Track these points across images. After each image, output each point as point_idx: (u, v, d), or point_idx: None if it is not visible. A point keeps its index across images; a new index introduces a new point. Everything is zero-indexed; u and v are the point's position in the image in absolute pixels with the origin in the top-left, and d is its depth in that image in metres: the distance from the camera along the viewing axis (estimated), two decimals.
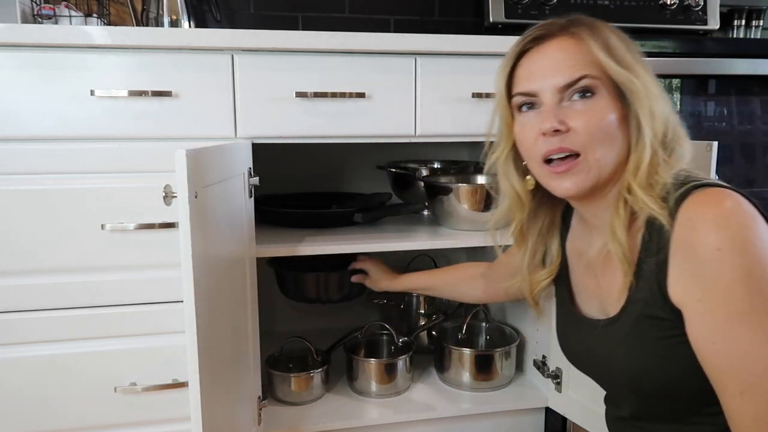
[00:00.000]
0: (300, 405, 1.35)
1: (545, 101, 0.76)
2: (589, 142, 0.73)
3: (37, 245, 1.08)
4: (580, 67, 0.73)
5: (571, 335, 0.91)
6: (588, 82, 0.73)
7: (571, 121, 0.74)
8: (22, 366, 1.11)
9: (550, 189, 0.79)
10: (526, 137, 0.79)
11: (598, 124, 0.73)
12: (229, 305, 1.03)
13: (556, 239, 0.92)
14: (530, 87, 0.77)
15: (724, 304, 0.66)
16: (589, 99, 0.74)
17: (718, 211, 0.66)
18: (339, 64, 1.17)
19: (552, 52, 0.76)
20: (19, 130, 1.06)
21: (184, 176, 0.80)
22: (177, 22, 1.48)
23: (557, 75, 0.74)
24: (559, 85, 0.74)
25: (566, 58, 0.74)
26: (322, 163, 1.70)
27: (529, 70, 0.78)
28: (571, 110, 0.74)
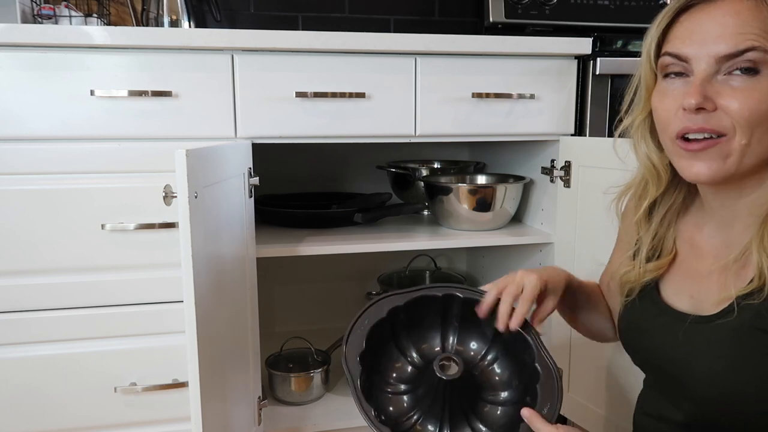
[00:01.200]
0: (300, 405, 1.35)
1: (697, 71, 0.64)
2: (740, 125, 0.62)
3: (37, 245, 1.08)
4: (752, 37, 0.61)
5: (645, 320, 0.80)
6: (756, 56, 0.61)
7: (723, 99, 0.63)
8: (23, 366, 1.11)
9: (679, 169, 0.69)
10: (664, 108, 0.68)
11: (755, 106, 0.62)
12: (229, 305, 1.03)
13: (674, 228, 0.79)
14: (683, 50, 0.65)
15: None
16: (752, 77, 0.62)
17: None
18: (339, 64, 1.17)
19: (721, 15, 0.63)
20: (19, 130, 1.06)
21: (184, 176, 0.80)
22: (177, 22, 1.48)
23: (720, 42, 0.62)
24: (720, 55, 0.62)
25: (736, 24, 0.62)
26: (322, 163, 1.70)
27: (687, 30, 0.66)
28: (726, 86, 0.63)
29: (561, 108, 1.28)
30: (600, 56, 1.27)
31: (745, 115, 0.62)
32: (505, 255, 1.58)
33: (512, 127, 1.26)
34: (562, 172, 1.28)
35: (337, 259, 1.54)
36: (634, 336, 0.82)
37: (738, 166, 0.65)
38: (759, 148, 0.64)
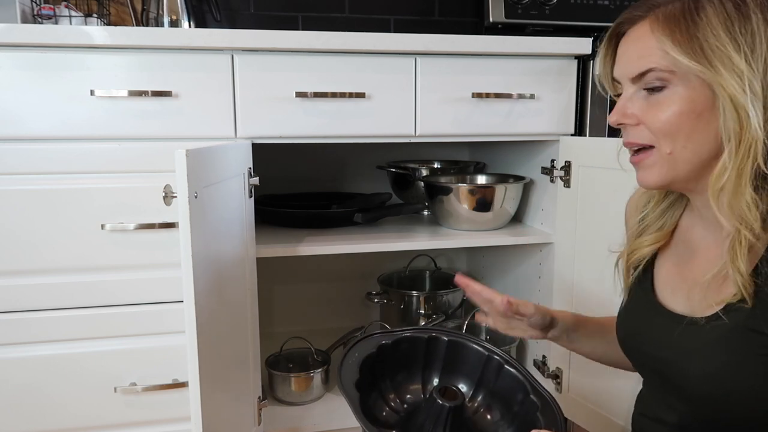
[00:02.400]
0: (300, 405, 1.35)
1: (625, 90, 0.71)
2: (660, 137, 0.68)
3: (37, 245, 1.08)
4: (650, 59, 0.66)
5: (642, 321, 0.81)
6: (655, 75, 0.66)
7: (641, 114, 0.69)
8: (23, 366, 1.11)
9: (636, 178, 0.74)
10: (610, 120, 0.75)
11: (666, 119, 0.66)
12: (229, 305, 1.03)
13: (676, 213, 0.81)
14: (615, 73, 0.73)
15: None
16: (659, 92, 0.67)
17: None
18: (339, 64, 1.17)
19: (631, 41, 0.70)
20: (19, 130, 1.06)
21: (184, 176, 0.80)
22: (177, 22, 1.48)
23: (629, 65, 0.69)
24: (630, 76, 0.69)
25: (637, 49, 0.68)
26: (322, 163, 1.70)
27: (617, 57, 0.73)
28: (644, 102, 0.69)
29: (561, 108, 1.28)
30: None
31: (657, 125, 0.67)
32: (505, 255, 1.58)
33: (512, 127, 1.26)
34: (562, 172, 1.28)
35: (337, 259, 1.54)
36: (631, 338, 0.83)
37: (675, 172, 0.69)
38: (686, 155, 0.67)
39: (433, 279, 1.77)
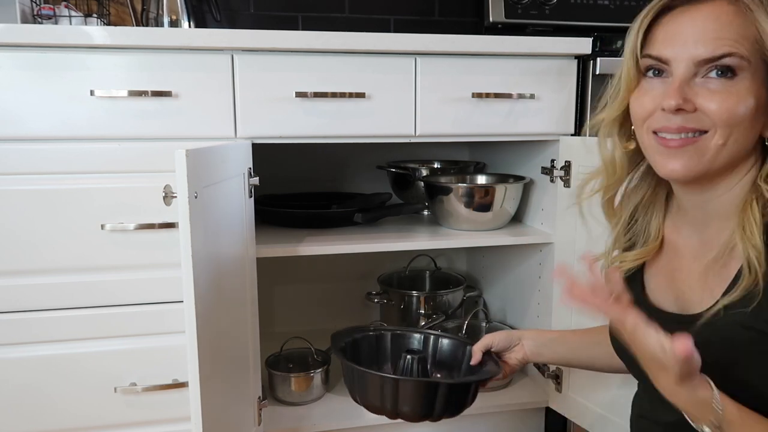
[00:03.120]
0: (300, 405, 1.35)
1: (676, 73, 0.66)
2: (717, 125, 0.64)
3: (36, 245, 1.08)
4: (729, 42, 0.62)
5: None
6: (732, 62, 0.63)
7: (701, 101, 0.64)
8: (22, 366, 1.11)
9: (654, 165, 0.70)
10: (642, 106, 0.70)
11: (733, 108, 0.63)
12: (229, 305, 1.03)
13: (658, 218, 0.80)
14: (664, 52, 0.67)
15: None
16: (729, 80, 0.64)
17: None
18: (339, 64, 1.17)
19: (701, 18, 0.64)
20: (18, 130, 1.06)
21: (184, 176, 0.80)
22: (177, 22, 1.48)
23: (699, 46, 0.64)
24: (699, 58, 0.64)
25: (715, 28, 0.63)
26: (322, 163, 1.70)
27: (668, 32, 0.67)
28: (704, 89, 0.65)
29: (561, 108, 1.28)
30: (600, 56, 1.27)
31: (723, 116, 0.64)
32: (505, 255, 1.58)
33: (512, 127, 1.26)
34: (562, 172, 1.28)
35: (337, 259, 1.54)
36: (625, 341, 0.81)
37: (711, 165, 0.66)
38: (734, 148, 0.65)
39: (433, 279, 1.77)
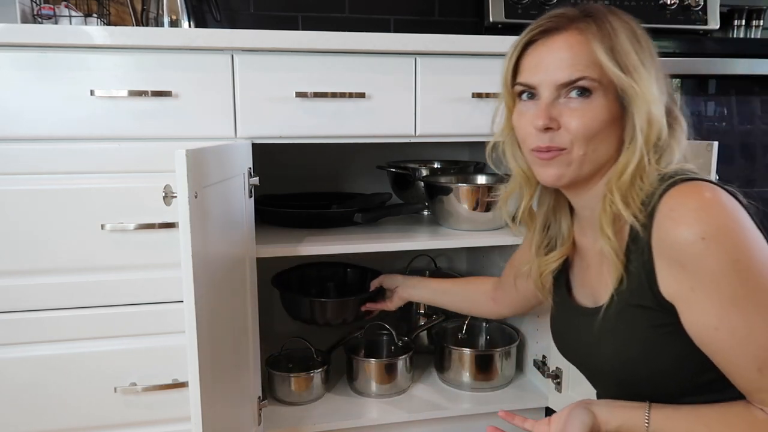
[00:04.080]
0: (300, 405, 1.35)
1: (543, 96, 0.77)
2: (578, 139, 0.76)
3: (36, 245, 1.08)
4: (581, 68, 0.74)
5: (563, 323, 0.94)
6: (586, 84, 0.75)
7: (564, 119, 0.76)
8: (23, 366, 1.11)
9: (537, 175, 0.83)
10: (521, 126, 0.82)
11: (589, 124, 0.75)
12: (229, 305, 1.03)
13: (567, 220, 0.91)
14: (531, 80, 0.79)
15: (717, 290, 0.68)
16: (586, 98, 0.75)
17: (698, 202, 0.69)
18: (339, 64, 1.17)
19: (556, 49, 0.76)
20: (19, 130, 1.06)
21: (184, 176, 0.80)
22: (177, 22, 1.48)
23: (557, 72, 0.76)
24: (558, 83, 0.76)
25: (568, 57, 0.75)
26: (322, 163, 1.70)
27: (532, 63, 0.79)
28: (566, 108, 0.76)
29: None
30: None
31: (581, 132, 0.75)
32: (505, 255, 1.58)
33: None
34: None
35: (337, 259, 1.54)
36: (560, 340, 0.96)
37: (579, 172, 0.78)
38: (595, 157, 0.77)
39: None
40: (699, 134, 1.52)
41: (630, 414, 0.77)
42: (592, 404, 0.81)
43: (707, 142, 1.00)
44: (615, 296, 0.78)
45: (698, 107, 1.55)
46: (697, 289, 0.69)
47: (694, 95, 1.53)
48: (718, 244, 0.67)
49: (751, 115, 1.57)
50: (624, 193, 0.74)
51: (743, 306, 0.68)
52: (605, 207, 0.76)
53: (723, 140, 1.01)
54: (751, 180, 1.60)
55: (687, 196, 0.70)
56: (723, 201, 0.69)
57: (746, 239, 0.68)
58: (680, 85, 1.50)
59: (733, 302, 0.68)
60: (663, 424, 0.75)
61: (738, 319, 0.68)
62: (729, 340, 0.69)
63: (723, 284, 0.68)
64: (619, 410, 0.79)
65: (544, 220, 0.92)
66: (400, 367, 1.40)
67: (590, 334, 0.83)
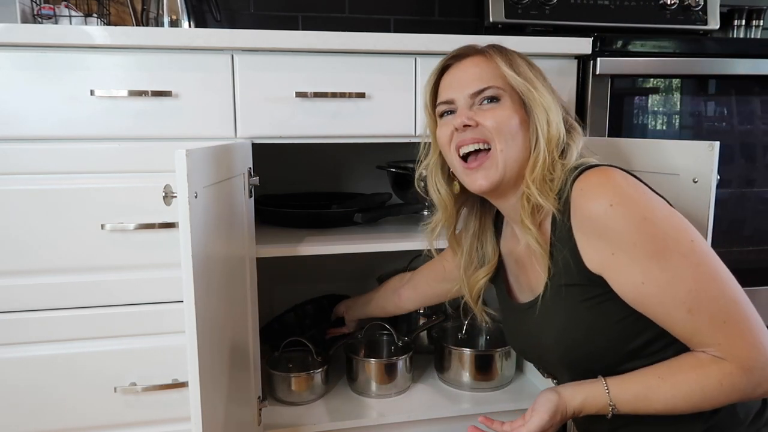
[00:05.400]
0: (300, 405, 1.35)
1: (459, 105, 0.91)
2: (495, 135, 0.87)
3: (36, 245, 1.08)
4: (488, 79, 0.89)
5: (512, 324, 1.02)
6: (494, 92, 0.89)
7: (480, 119, 0.88)
8: (22, 366, 1.11)
9: (467, 185, 0.92)
10: (443, 134, 0.93)
11: (501, 120, 0.88)
12: (229, 305, 1.03)
13: (491, 242, 1.03)
14: (448, 96, 0.92)
15: (635, 248, 0.77)
16: (496, 104, 0.89)
17: (602, 178, 0.80)
18: (339, 64, 1.17)
19: (467, 67, 0.92)
20: (19, 130, 1.06)
21: (184, 176, 0.80)
22: (177, 22, 1.48)
23: (469, 85, 0.90)
24: (470, 93, 0.90)
25: (477, 72, 0.90)
26: (322, 163, 1.70)
27: (448, 83, 0.94)
28: (480, 111, 0.89)
29: None
30: (600, 56, 1.27)
31: (496, 126, 0.87)
32: None
33: None
34: None
35: (337, 259, 1.54)
36: (513, 340, 1.05)
37: (504, 171, 0.88)
38: (512, 153, 0.88)
39: None
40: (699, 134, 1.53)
41: (591, 388, 0.84)
42: (557, 387, 0.88)
43: (708, 142, 0.99)
44: (548, 282, 0.87)
45: (698, 107, 1.55)
46: (617, 252, 0.78)
47: (694, 95, 1.53)
48: (624, 206, 0.77)
49: (751, 116, 1.57)
50: (539, 186, 0.85)
51: (660, 256, 0.76)
52: (523, 203, 0.87)
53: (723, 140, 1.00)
54: (751, 180, 1.60)
55: (591, 177, 0.81)
56: (620, 174, 0.81)
57: (648, 199, 0.79)
58: (680, 85, 1.50)
59: (651, 255, 0.76)
60: (620, 387, 0.82)
61: (658, 269, 0.76)
62: (656, 292, 0.77)
63: (638, 241, 0.76)
64: (580, 386, 0.86)
65: (470, 243, 1.04)
66: (400, 367, 1.40)
67: (534, 324, 0.92)
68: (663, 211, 0.79)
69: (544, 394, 0.88)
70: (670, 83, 1.48)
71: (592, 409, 0.84)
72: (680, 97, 1.51)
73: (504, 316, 1.06)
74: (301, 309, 1.69)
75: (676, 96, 1.51)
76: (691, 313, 0.76)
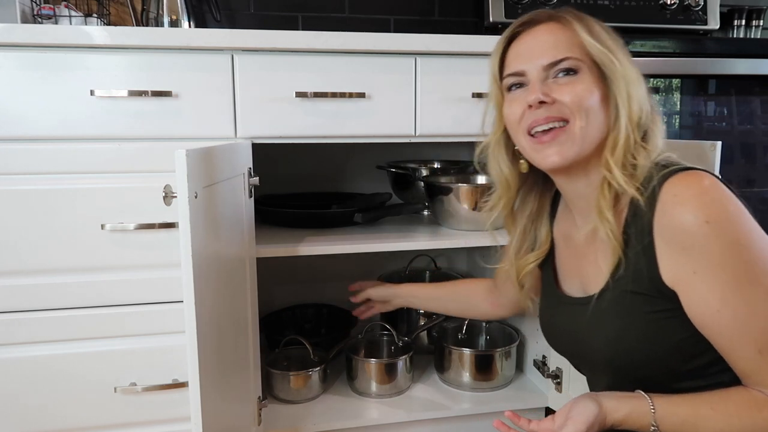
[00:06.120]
0: (298, 403, 1.35)
1: (531, 78, 0.81)
2: (574, 110, 0.78)
3: (36, 245, 1.08)
4: (565, 49, 0.79)
5: (552, 313, 0.96)
6: (571, 63, 0.79)
7: (556, 94, 0.79)
8: (22, 366, 1.11)
9: (536, 162, 0.83)
10: (513, 112, 0.83)
11: (582, 95, 0.78)
12: (229, 305, 1.03)
13: (546, 225, 0.96)
14: (518, 67, 0.82)
15: (721, 273, 0.70)
16: (573, 76, 0.79)
17: (700, 189, 0.72)
18: (339, 64, 1.17)
19: (540, 35, 0.82)
20: (19, 130, 1.06)
21: (184, 176, 0.80)
22: (177, 22, 1.48)
23: (543, 55, 0.80)
24: (545, 64, 0.80)
25: (552, 40, 0.80)
26: (322, 163, 1.70)
27: (518, 52, 0.83)
28: (556, 85, 0.80)
29: None
30: None
31: (576, 101, 0.78)
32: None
33: None
34: None
35: (337, 259, 1.54)
36: (550, 330, 0.97)
37: (581, 148, 0.79)
38: (593, 131, 0.79)
39: (433, 279, 1.77)
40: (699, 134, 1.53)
41: (635, 403, 0.77)
42: (597, 395, 0.80)
43: (711, 142, 1.00)
44: (611, 282, 0.80)
45: (698, 107, 1.55)
46: (699, 272, 0.71)
47: (694, 95, 1.53)
48: (721, 227, 0.69)
49: (751, 116, 1.57)
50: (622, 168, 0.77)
51: (746, 288, 0.70)
52: (603, 190, 0.78)
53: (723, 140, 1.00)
54: (751, 180, 1.60)
55: (689, 183, 0.72)
56: (723, 188, 0.73)
57: (746, 223, 0.71)
58: (680, 85, 1.50)
59: (736, 284, 0.70)
60: (668, 410, 0.76)
61: (740, 301, 0.70)
62: (731, 323, 0.71)
63: (726, 266, 0.70)
64: (624, 400, 0.78)
65: (525, 224, 0.96)
66: (400, 367, 1.40)
67: (582, 322, 0.85)
68: (759, 239, 0.71)
69: (582, 401, 0.79)
70: (670, 83, 1.49)
71: (633, 425, 0.77)
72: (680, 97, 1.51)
73: (545, 303, 0.98)
74: (301, 310, 1.71)
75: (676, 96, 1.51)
76: (761, 354, 0.70)
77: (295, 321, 1.70)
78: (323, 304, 1.72)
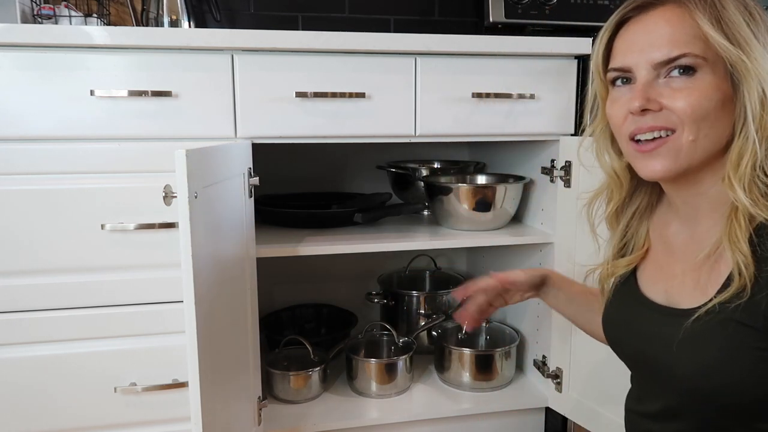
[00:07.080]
0: (298, 403, 1.35)
1: (638, 77, 0.69)
2: (685, 120, 0.66)
3: (36, 245, 1.08)
4: (682, 44, 0.66)
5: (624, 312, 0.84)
6: (690, 60, 0.66)
7: (666, 100, 0.67)
8: (22, 366, 1.11)
9: (637, 170, 0.73)
10: (614, 114, 0.73)
11: (697, 103, 0.66)
12: (229, 305, 1.03)
13: (646, 224, 0.84)
14: (624, 62, 0.71)
15: None
16: (690, 77, 0.66)
17: None
18: (339, 64, 1.17)
19: (653, 24, 0.68)
20: (19, 130, 1.06)
21: (184, 176, 0.80)
22: (177, 22, 1.48)
23: (655, 50, 0.67)
24: (656, 61, 0.67)
25: (668, 32, 0.67)
26: (322, 163, 1.70)
27: (626, 43, 0.71)
28: (668, 88, 0.67)
29: (561, 108, 1.28)
30: None
31: (688, 111, 0.66)
32: (505, 255, 1.58)
33: (512, 127, 1.26)
34: (562, 172, 1.28)
35: (337, 259, 1.54)
36: (615, 326, 0.85)
37: (689, 162, 0.68)
38: (706, 143, 0.67)
39: (433, 279, 1.77)
40: None
41: None
42: None
43: None
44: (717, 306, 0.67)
45: None
46: None
47: None
48: None
49: None
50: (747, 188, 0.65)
51: None
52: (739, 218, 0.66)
53: None
54: None
55: None
56: None
57: None
58: None
59: None
60: None
61: None
62: None
63: None
64: None
65: (627, 222, 0.84)
66: (400, 367, 1.40)
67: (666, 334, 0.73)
68: None
69: None
70: None
71: None
72: None
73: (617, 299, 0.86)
74: (301, 310, 1.71)
75: None
76: None
77: (295, 321, 1.70)
78: (323, 304, 1.72)
